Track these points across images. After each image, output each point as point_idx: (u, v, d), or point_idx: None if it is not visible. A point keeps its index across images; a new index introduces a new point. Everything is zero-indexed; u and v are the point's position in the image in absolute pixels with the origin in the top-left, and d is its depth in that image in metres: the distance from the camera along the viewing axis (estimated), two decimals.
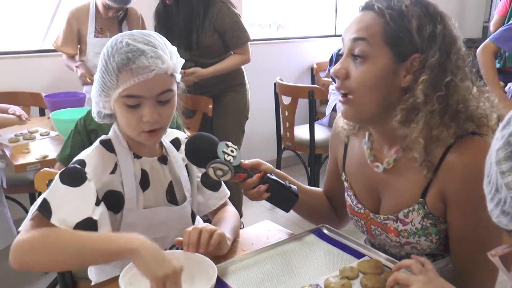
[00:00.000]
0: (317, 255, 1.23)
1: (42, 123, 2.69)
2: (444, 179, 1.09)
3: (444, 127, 1.07)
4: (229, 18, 2.78)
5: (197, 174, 1.40)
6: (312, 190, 1.47)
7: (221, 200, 1.43)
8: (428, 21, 1.06)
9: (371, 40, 1.07)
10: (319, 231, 1.33)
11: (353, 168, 1.30)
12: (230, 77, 2.96)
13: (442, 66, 1.06)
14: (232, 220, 1.36)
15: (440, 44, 1.05)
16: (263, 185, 1.20)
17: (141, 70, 1.11)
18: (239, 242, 1.33)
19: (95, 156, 1.20)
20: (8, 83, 3.07)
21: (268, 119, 3.66)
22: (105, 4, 2.86)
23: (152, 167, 1.28)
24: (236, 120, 3.03)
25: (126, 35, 1.16)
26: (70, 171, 1.15)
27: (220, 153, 1.17)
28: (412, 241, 1.18)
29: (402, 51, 1.06)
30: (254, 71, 3.19)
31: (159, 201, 1.29)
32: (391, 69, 1.07)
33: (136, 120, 1.16)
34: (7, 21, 3.33)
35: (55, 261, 1.06)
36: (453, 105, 1.07)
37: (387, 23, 1.06)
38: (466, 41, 4.28)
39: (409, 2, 1.07)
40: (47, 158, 2.11)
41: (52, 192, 1.12)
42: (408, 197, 1.16)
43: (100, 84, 1.15)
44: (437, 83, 1.06)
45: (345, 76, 1.10)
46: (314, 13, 4.79)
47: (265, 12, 4.63)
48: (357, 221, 1.31)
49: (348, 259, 1.20)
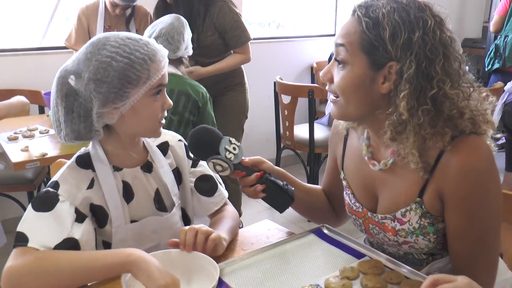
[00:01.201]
0: (317, 255, 1.23)
1: (41, 120, 2.68)
2: (441, 179, 1.10)
3: (438, 136, 1.07)
4: (230, 18, 2.78)
5: (191, 179, 1.39)
6: (311, 188, 1.47)
7: (216, 205, 1.41)
8: (404, 29, 1.04)
9: (349, 47, 1.09)
10: (319, 231, 1.32)
11: (351, 165, 1.30)
12: (230, 77, 2.95)
13: (424, 77, 1.04)
14: (230, 220, 1.35)
15: (418, 53, 1.03)
16: (260, 185, 1.22)
17: (163, 59, 1.17)
18: (239, 241, 1.33)
19: (68, 175, 1.19)
20: (7, 81, 3.06)
21: (268, 118, 3.66)
22: (112, 2, 2.87)
23: (135, 177, 1.26)
24: (236, 119, 3.03)
25: (117, 34, 1.16)
26: (41, 197, 1.15)
27: (222, 149, 1.18)
28: (410, 240, 1.17)
29: (378, 59, 1.07)
30: (254, 70, 3.19)
31: (147, 211, 1.28)
32: (367, 76, 1.08)
33: (160, 109, 1.19)
34: (7, 19, 3.32)
35: (53, 283, 1.05)
36: (446, 112, 1.06)
37: (364, 32, 1.07)
38: (466, 41, 4.33)
39: (389, 8, 1.05)
40: (46, 156, 2.11)
41: (25, 222, 1.12)
42: (405, 197, 1.16)
43: (120, 86, 1.10)
44: (420, 96, 1.05)
45: (330, 80, 1.14)
46: (314, 12, 4.78)
47: (264, 11, 4.62)
48: (355, 219, 1.31)
49: (348, 259, 1.20)
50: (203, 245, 1.15)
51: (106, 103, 1.11)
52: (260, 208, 3.48)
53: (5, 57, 3.10)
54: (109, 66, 1.10)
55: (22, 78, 3.09)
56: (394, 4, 1.06)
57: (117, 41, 1.13)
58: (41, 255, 1.07)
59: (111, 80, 1.10)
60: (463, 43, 5.02)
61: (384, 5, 1.06)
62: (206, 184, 1.41)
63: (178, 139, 1.40)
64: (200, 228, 1.16)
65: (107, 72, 1.09)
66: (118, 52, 1.11)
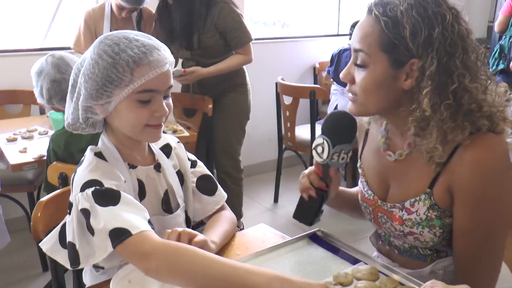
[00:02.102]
0: (311, 260, 1.21)
1: (41, 121, 2.68)
2: (453, 172, 1.10)
3: (459, 129, 1.06)
4: (231, 18, 2.76)
5: (192, 179, 1.38)
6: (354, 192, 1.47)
7: (217, 204, 1.40)
8: (424, 26, 1.03)
9: (368, 51, 1.09)
10: (314, 236, 1.31)
11: (368, 155, 1.32)
12: (232, 77, 2.93)
13: (445, 73, 1.04)
14: (225, 224, 1.34)
15: (438, 49, 1.03)
16: (313, 190, 1.22)
17: (157, 63, 1.11)
18: (234, 245, 1.32)
19: (100, 170, 1.14)
20: (9, 82, 3.06)
21: (270, 119, 3.65)
22: (118, 4, 2.84)
23: (148, 176, 1.25)
24: (237, 120, 3.01)
25: (121, 33, 1.15)
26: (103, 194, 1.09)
27: (350, 146, 1.19)
28: (415, 231, 1.17)
29: (399, 57, 1.06)
30: (255, 70, 3.17)
31: (154, 211, 1.27)
32: (390, 75, 1.08)
33: (147, 116, 1.14)
34: (8, 20, 3.33)
35: (187, 282, 1.01)
36: (465, 106, 1.06)
37: (383, 31, 1.06)
38: None
39: (406, 5, 1.05)
40: (44, 158, 2.10)
41: (109, 220, 1.05)
42: (416, 187, 1.16)
43: (101, 84, 1.10)
44: (442, 92, 1.05)
45: (351, 81, 1.14)
46: (317, 12, 4.76)
47: (270, 10, 4.62)
48: (366, 207, 1.31)
49: (343, 264, 1.18)
50: None
51: (89, 98, 1.12)
52: (261, 210, 3.47)
53: (7, 58, 3.09)
54: (96, 64, 1.10)
55: (23, 78, 3.08)
56: (411, 0, 1.05)
57: (113, 39, 1.12)
58: (175, 247, 1.03)
59: (95, 77, 1.10)
60: None
61: (401, 2, 1.05)
62: (207, 183, 1.40)
63: (177, 140, 1.40)
64: (183, 230, 1.15)
65: (94, 69, 1.10)
66: (106, 51, 1.10)
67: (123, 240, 1.03)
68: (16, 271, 2.67)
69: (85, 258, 1.09)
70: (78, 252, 1.09)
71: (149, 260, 1.01)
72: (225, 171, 3.03)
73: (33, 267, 2.66)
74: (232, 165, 3.03)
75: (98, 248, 1.06)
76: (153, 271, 1.01)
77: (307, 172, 1.25)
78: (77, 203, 1.09)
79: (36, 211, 1.35)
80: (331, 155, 1.17)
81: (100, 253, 1.06)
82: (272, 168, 3.76)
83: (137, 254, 1.03)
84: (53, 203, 1.40)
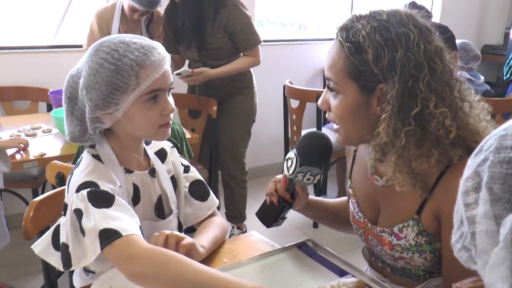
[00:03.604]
0: (298, 270, 1.20)
1: (46, 119, 2.69)
2: (439, 200, 1.06)
3: (424, 157, 1.02)
4: (240, 20, 2.75)
5: (185, 184, 1.37)
6: (337, 203, 1.46)
7: (209, 210, 1.39)
8: (387, 49, 0.99)
9: (336, 79, 1.06)
10: (304, 246, 1.29)
11: (358, 175, 1.29)
12: (238, 80, 2.92)
13: (409, 97, 0.99)
14: (215, 229, 1.33)
15: (402, 72, 0.98)
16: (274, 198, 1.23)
17: (159, 62, 1.12)
18: (221, 252, 1.31)
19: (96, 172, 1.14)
20: (18, 78, 3.09)
21: (278, 121, 3.63)
22: (131, 6, 2.80)
23: (143, 181, 1.25)
24: (243, 123, 3.00)
25: (115, 38, 1.14)
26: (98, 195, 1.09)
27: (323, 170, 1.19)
28: (405, 256, 1.15)
29: (367, 83, 1.03)
30: (264, 72, 3.15)
31: (147, 216, 1.26)
32: (362, 102, 1.05)
33: (157, 115, 1.14)
34: (19, 17, 3.36)
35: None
36: (433, 132, 1.01)
37: (347, 57, 1.03)
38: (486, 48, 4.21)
39: (369, 28, 1.01)
40: (44, 156, 2.11)
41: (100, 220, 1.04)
42: (404, 212, 1.13)
43: (107, 93, 1.08)
44: (402, 117, 1.00)
45: (328, 109, 1.12)
46: (330, 14, 4.74)
47: (287, 11, 4.61)
48: (357, 229, 1.29)
49: (330, 276, 1.17)
50: (174, 249, 1.12)
51: (96, 109, 1.11)
52: None
53: (16, 55, 3.12)
54: (98, 73, 1.09)
55: (32, 75, 3.12)
56: (374, 23, 1.02)
57: (109, 46, 1.11)
58: (165, 252, 1.02)
59: (99, 87, 1.09)
60: (482, 49, 4.89)
61: (364, 26, 1.02)
62: (199, 189, 1.40)
63: (171, 145, 1.39)
64: (170, 233, 1.14)
65: (96, 79, 1.09)
66: (107, 58, 1.09)
67: (112, 241, 1.02)
68: (18, 267, 2.69)
69: (77, 260, 1.08)
70: (70, 253, 1.08)
71: (135, 264, 1.00)
72: (229, 173, 3.03)
73: (35, 263, 2.67)
74: (236, 167, 3.02)
75: (88, 250, 1.06)
76: (138, 275, 1.00)
77: (276, 179, 1.25)
78: (72, 203, 1.09)
79: (29, 211, 1.36)
80: (296, 173, 1.16)
81: (90, 254, 1.05)
82: (278, 171, 3.72)
83: (123, 257, 1.02)
84: (45, 204, 1.40)
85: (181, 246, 1.13)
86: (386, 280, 1.23)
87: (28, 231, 1.35)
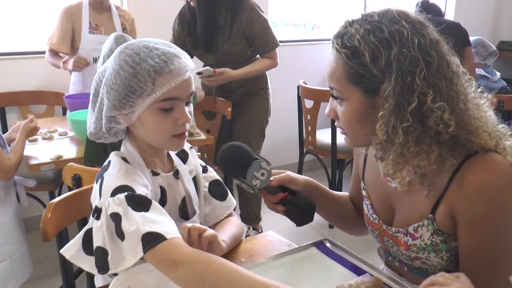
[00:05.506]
0: (316, 269, 1.19)
1: (62, 123, 2.72)
2: (454, 198, 1.05)
3: (423, 154, 1.02)
4: (258, 24, 2.75)
5: (205, 184, 1.38)
6: (339, 196, 1.46)
7: (228, 209, 1.39)
8: (382, 48, 0.99)
9: (338, 86, 1.06)
10: (321, 245, 1.29)
11: (371, 177, 1.28)
12: (254, 81, 2.93)
13: (407, 93, 0.98)
14: (232, 227, 1.33)
15: (400, 69, 0.98)
16: (281, 207, 1.25)
17: (179, 71, 1.10)
18: (239, 252, 1.30)
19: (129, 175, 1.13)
20: (35, 82, 3.14)
21: (293, 122, 3.62)
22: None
23: (168, 183, 1.25)
24: (257, 124, 3.00)
25: (141, 41, 1.13)
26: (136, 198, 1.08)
27: (250, 174, 1.17)
28: (421, 256, 1.14)
29: (369, 86, 1.03)
30: (279, 73, 3.14)
31: (172, 217, 1.24)
32: (367, 105, 1.05)
33: (171, 125, 1.13)
34: (36, 22, 3.40)
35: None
36: (432, 128, 1.00)
37: (346, 63, 1.03)
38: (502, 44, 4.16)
39: (362, 31, 1.01)
40: (61, 158, 2.13)
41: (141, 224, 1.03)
42: (418, 212, 1.12)
43: (124, 95, 1.09)
44: (400, 114, 0.99)
45: (336, 117, 1.12)
46: (344, 14, 4.72)
47: (300, 11, 4.61)
48: (372, 231, 1.28)
49: (348, 275, 1.16)
50: (197, 242, 1.11)
51: (112, 109, 1.12)
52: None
53: (34, 59, 3.16)
54: (118, 74, 1.09)
55: (48, 80, 3.16)
56: (367, 25, 1.02)
57: (133, 48, 1.11)
58: (206, 258, 1.01)
59: (117, 87, 1.09)
60: (498, 46, 4.83)
61: (357, 30, 1.02)
62: (218, 188, 1.40)
63: (189, 146, 1.40)
64: (192, 226, 1.13)
65: (116, 80, 1.10)
66: (127, 61, 1.09)
67: (155, 245, 1.01)
68: (36, 268, 2.71)
69: (114, 264, 1.06)
70: (107, 257, 1.06)
71: (178, 269, 0.99)
72: None
73: (53, 264, 2.70)
74: None
75: (127, 254, 1.04)
76: (181, 280, 1.00)
77: (265, 200, 1.28)
78: (107, 207, 1.07)
79: (47, 212, 1.37)
80: (250, 184, 1.17)
81: (129, 258, 1.04)
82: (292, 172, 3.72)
83: (167, 262, 1.01)
84: (63, 205, 1.41)
85: (203, 238, 1.12)
86: (403, 279, 1.21)
87: (46, 232, 1.36)
